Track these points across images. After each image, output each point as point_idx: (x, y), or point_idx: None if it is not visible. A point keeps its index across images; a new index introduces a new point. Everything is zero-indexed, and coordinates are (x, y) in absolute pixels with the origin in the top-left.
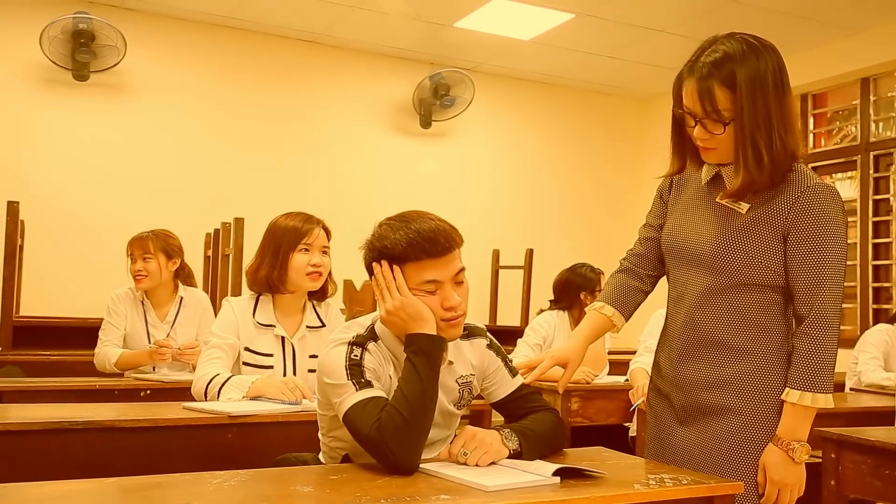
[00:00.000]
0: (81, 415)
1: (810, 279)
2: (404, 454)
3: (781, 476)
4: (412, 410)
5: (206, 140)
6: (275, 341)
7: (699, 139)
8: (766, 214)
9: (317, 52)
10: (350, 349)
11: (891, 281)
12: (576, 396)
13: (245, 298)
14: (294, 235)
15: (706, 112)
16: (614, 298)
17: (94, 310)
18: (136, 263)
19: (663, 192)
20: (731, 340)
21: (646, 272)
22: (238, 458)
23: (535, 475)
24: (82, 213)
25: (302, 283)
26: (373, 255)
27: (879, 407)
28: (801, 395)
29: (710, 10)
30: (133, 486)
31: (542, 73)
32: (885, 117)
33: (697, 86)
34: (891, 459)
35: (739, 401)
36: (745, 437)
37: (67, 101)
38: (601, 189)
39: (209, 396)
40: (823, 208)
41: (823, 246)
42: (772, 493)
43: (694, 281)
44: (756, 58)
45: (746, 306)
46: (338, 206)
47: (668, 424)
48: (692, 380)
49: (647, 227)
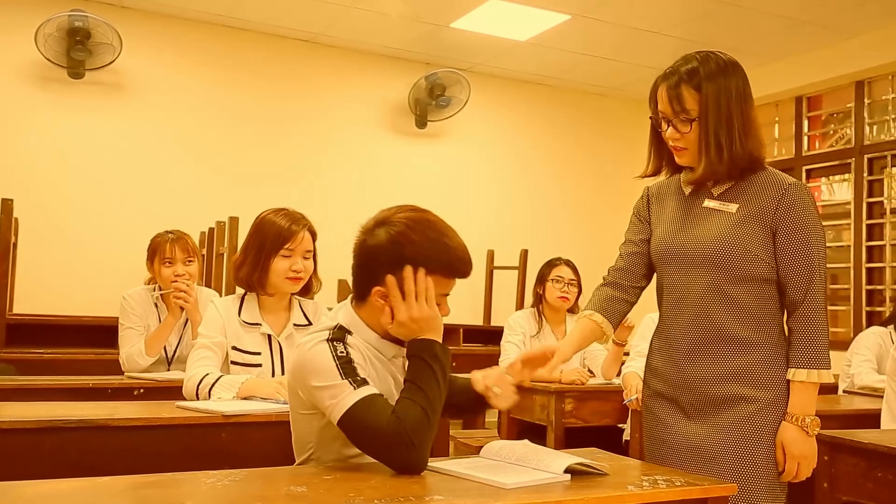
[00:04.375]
0: (75, 413)
1: (802, 268)
2: (423, 449)
3: (801, 450)
4: (431, 406)
5: (201, 138)
6: (261, 339)
7: (671, 139)
8: (754, 212)
9: (313, 51)
10: (333, 346)
11: (884, 284)
12: (570, 398)
13: (230, 298)
14: (277, 239)
15: (675, 112)
16: (602, 307)
17: (88, 308)
18: (176, 266)
19: (640, 210)
20: (737, 333)
21: (630, 284)
22: (232, 457)
23: (547, 473)
24: (77, 210)
25: (282, 286)
26: (396, 256)
27: (872, 409)
28: (807, 373)
29: (706, 13)
30: (126, 485)
31: (538, 74)
32: (879, 120)
33: (668, 91)
34: (883, 462)
35: (751, 390)
36: (758, 421)
37: (62, 99)
38: (596, 190)
39: (200, 396)
40: (805, 203)
41: (809, 238)
42: (792, 467)
43: (696, 281)
44: (723, 73)
45: (748, 300)
46: (332, 205)
47: (672, 425)
48: (701, 376)
49: (629, 243)
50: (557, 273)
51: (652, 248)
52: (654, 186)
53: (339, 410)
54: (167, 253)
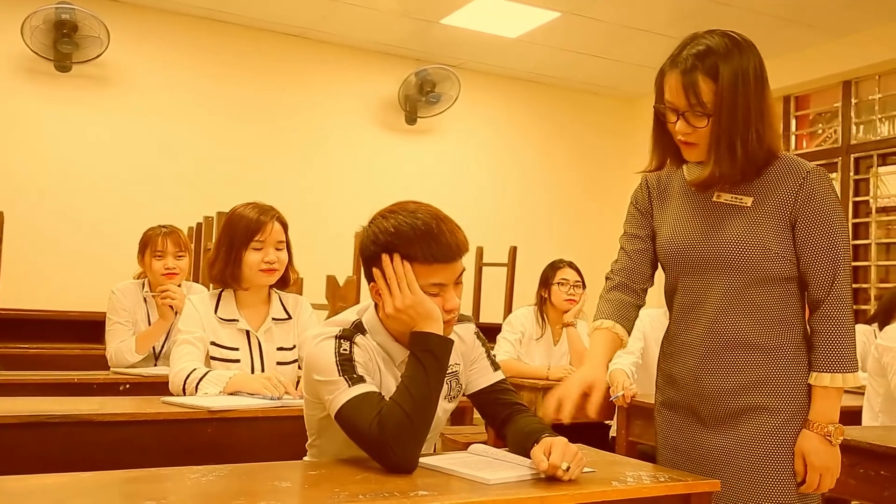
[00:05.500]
0: (59, 408)
1: (825, 262)
2: (404, 452)
3: (823, 461)
4: (416, 407)
5: (188, 133)
6: (239, 335)
7: (681, 133)
8: (770, 204)
9: (303, 46)
10: (338, 343)
11: (869, 282)
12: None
13: (206, 295)
14: (246, 232)
15: (690, 105)
16: (620, 316)
17: (73, 303)
18: (166, 260)
19: (640, 201)
20: (757, 340)
21: (639, 286)
22: (218, 453)
23: (532, 469)
24: (62, 204)
25: (256, 279)
26: (377, 247)
27: (854, 407)
28: (831, 378)
29: (696, 11)
30: (110, 480)
31: (528, 71)
32: (865, 120)
33: (682, 78)
34: (865, 458)
35: (774, 400)
36: (783, 435)
37: (49, 93)
38: (586, 188)
39: (187, 391)
40: (826, 192)
41: (832, 228)
42: (814, 479)
43: (713, 285)
44: (739, 53)
45: (768, 303)
46: (321, 201)
47: (691, 435)
48: (718, 387)
49: (632, 238)
50: (562, 276)
51: (659, 250)
52: (654, 175)
53: (334, 407)
54: (158, 246)
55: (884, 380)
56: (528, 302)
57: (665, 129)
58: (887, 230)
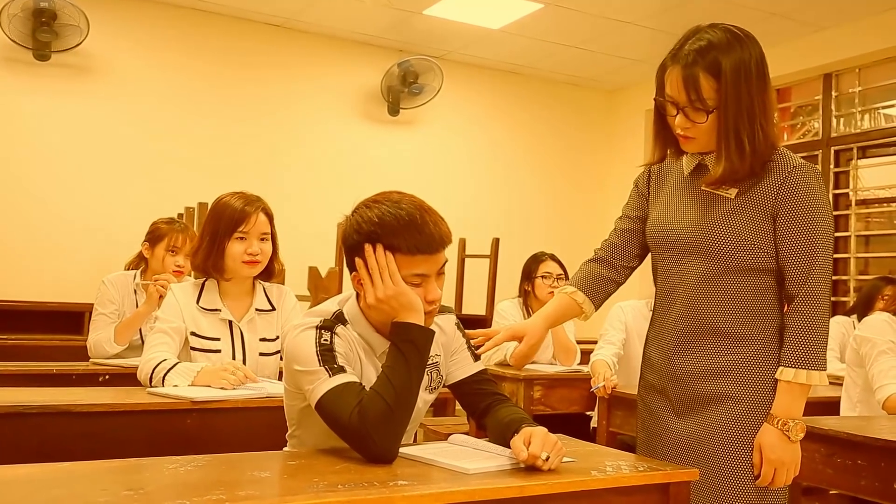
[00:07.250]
0: (36, 399)
1: (801, 258)
2: (385, 442)
3: (778, 455)
4: (397, 397)
5: (169, 123)
6: (221, 325)
7: (680, 128)
8: (754, 197)
9: (284, 36)
10: (319, 333)
11: (849, 274)
12: (538, 385)
13: (188, 284)
14: (230, 222)
15: (690, 100)
16: (585, 285)
17: (53, 293)
18: (178, 257)
19: (640, 184)
20: (728, 328)
21: (621, 263)
22: (197, 443)
23: (511, 459)
24: (42, 194)
25: (239, 270)
26: (360, 237)
27: (832, 397)
28: (795, 373)
29: (678, 3)
30: (86, 470)
31: (511, 63)
32: (845, 113)
33: (682, 73)
34: (842, 448)
35: (739, 389)
36: (746, 424)
37: (28, 81)
38: (568, 179)
39: (154, 381)
40: (810, 187)
41: (813, 225)
42: (768, 472)
43: (688, 270)
44: (740, 47)
45: (742, 292)
46: (304, 192)
47: (664, 419)
48: (689, 370)
49: (625, 218)
50: (545, 269)
51: (647, 231)
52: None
53: (314, 397)
54: (177, 242)
55: (862, 370)
56: (511, 293)
57: (666, 122)
58: (867, 223)
